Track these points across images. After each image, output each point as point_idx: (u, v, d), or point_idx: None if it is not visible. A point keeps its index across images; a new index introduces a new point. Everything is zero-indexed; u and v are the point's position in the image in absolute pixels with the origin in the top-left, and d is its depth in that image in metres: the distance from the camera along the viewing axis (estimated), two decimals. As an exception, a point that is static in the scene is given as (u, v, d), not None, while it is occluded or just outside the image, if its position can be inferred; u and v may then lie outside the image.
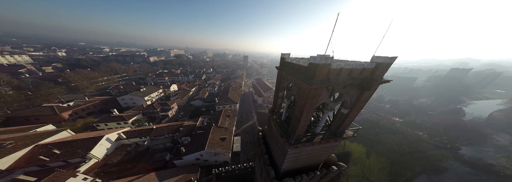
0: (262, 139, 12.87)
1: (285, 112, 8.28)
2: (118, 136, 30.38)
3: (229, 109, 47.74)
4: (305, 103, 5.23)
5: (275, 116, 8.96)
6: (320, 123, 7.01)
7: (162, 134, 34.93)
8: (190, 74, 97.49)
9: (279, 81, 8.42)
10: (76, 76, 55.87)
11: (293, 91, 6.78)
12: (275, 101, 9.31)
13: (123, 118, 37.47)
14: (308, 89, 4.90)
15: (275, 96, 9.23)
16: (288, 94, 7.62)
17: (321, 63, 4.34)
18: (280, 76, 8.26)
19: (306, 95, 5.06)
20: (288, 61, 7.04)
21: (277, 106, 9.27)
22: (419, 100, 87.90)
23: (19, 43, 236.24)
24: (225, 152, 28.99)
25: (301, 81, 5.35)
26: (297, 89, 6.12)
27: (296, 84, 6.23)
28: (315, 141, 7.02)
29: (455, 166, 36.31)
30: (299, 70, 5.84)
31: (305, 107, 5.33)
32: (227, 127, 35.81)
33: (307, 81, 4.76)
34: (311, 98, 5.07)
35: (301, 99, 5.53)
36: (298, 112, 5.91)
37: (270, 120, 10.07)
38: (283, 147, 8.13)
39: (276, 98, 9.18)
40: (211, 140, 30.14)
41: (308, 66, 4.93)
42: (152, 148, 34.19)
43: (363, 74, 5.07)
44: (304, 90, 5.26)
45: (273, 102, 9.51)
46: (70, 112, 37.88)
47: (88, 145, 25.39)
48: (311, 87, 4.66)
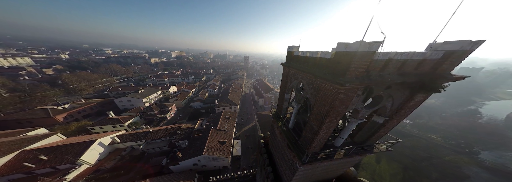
0: (264, 147, 11.10)
1: (294, 118, 6.53)
2: (112, 140, 28.85)
3: (229, 110, 46.06)
4: (328, 110, 3.54)
5: (280, 123, 7.21)
6: (343, 134, 5.26)
7: (158, 137, 33.35)
8: (190, 76, 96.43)
9: (285, 81, 6.70)
10: (74, 78, 55.00)
11: (306, 92, 5.08)
12: (280, 104, 7.56)
13: (119, 121, 36.07)
14: (335, 91, 3.29)
15: (279, 99, 7.48)
16: (298, 97, 5.89)
17: (360, 51, 2.70)
18: (287, 75, 6.54)
19: (331, 98, 3.41)
20: (299, 55, 5.34)
21: (283, 110, 7.51)
22: (429, 100, 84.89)
23: (25, 46, 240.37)
24: (224, 157, 27.21)
25: (323, 80, 3.73)
26: (313, 91, 4.43)
27: (312, 84, 4.57)
28: (337, 157, 5.25)
29: (477, 173, 33.35)
30: (318, 65, 4.21)
31: (327, 115, 3.63)
32: (226, 129, 34.08)
33: (333, 79, 3.18)
34: (339, 103, 3.38)
35: (321, 104, 3.86)
36: (316, 122, 4.20)
37: (274, 126, 8.34)
38: (291, 162, 6.40)
39: (281, 101, 7.43)
40: (210, 144, 28.42)
41: (335, 58, 3.33)
42: (148, 152, 32.59)
43: (421, 68, 3.41)
44: (327, 92, 3.64)
45: (278, 106, 7.77)
46: (65, 114, 36.64)
47: (79, 150, 23.88)
48: (342, 88, 3.01)
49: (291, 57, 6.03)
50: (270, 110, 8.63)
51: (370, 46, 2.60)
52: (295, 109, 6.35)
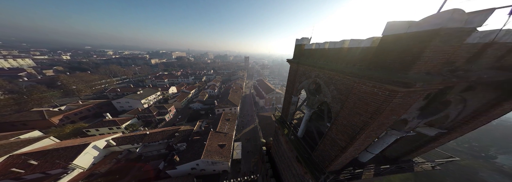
0: (267, 155, 9.89)
1: (304, 125, 5.34)
2: (107, 143, 27.79)
3: (229, 112, 44.92)
4: (367, 121, 2.42)
5: (286, 130, 6.01)
6: (373, 148, 4.07)
7: (156, 140, 32.25)
8: (190, 76, 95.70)
9: (292, 81, 5.55)
10: (71, 79, 54.33)
11: (324, 95, 3.89)
12: (286, 108, 6.38)
13: (115, 123, 35.07)
14: (384, 96, 2.17)
15: (285, 102, 6.30)
16: (311, 100, 4.72)
17: (447, 29, 1.58)
18: (295, 74, 5.39)
19: (375, 105, 2.31)
20: (312, 49, 4.20)
21: (289, 115, 6.32)
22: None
23: (27, 47, 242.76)
24: (224, 161, 25.96)
25: (359, 79, 2.59)
26: (336, 94, 3.31)
27: (336, 84, 3.47)
28: (365, 177, 4.06)
29: (498, 179, 30.97)
30: (346, 58, 3.10)
31: (365, 129, 2.53)
32: (226, 132, 32.86)
33: (388, 77, 2.03)
34: (388, 113, 2.20)
35: (354, 112, 2.75)
36: (342, 135, 3.07)
37: (278, 133, 7.15)
38: (301, 178, 5.20)
39: (286, 105, 6.25)
40: (209, 147, 27.20)
41: (384, 46, 2.17)
42: (145, 155, 31.46)
43: None
44: (366, 96, 2.52)
45: (283, 110, 6.59)
46: (61, 116, 35.74)
47: (72, 153, 22.83)
48: (403, 90, 1.91)
49: (301, 52, 4.88)
50: (274, 114, 7.44)
51: (470, 19, 1.44)
52: (306, 115, 5.18)
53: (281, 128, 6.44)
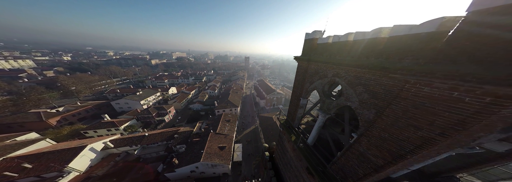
0: (270, 161, 9.09)
1: (317, 132, 4.57)
2: (105, 145, 27.12)
3: (229, 113, 44.19)
4: (433, 139, 1.65)
5: (294, 137, 5.24)
6: (412, 164, 3.28)
7: (155, 142, 31.58)
8: (190, 77, 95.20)
9: (301, 81, 4.83)
10: (70, 80, 53.89)
11: (347, 98, 3.14)
12: (292, 111, 5.62)
13: (114, 124, 34.43)
14: (480, 104, 1.37)
15: (292, 105, 5.55)
16: (327, 104, 3.95)
17: None
18: (304, 73, 4.67)
19: (461, 118, 1.53)
20: (328, 43, 3.47)
21: (296, 120, 5.54)
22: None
23: (29, 48, 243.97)
24: (224, 164, 25.19)
25: (421, 79, 1.82)
26: (367, 98, 2.68)
27: (367, 85, 2.78)
28: None
29: None
30: (390, 49, 2.30)
31: (427, 147, 1.78)
32: (226, 133, 32.12)
33: (499, 74, 1.19)
34: (481, 128, 1.51)
35: (407, 124, 2.02)
36: (381, 153, 2.43)
37: (284, 139, 6.39)
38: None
39: (293, 108, 5.50)
40: (208, 149, 26.48)
41: (480, 21, 1.33)
42: (144, 158, 30.76)
43: None
44: (435, 102, 1.73)
45: (288, 113, 5.83)
46: (59, 118, 35.17)
47: (68, 156, 22.16)
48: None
49: (312, 47, 4.16)
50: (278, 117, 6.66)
51: None
52: (319, 121, 4.41)
53: (287, 133, 5.68)
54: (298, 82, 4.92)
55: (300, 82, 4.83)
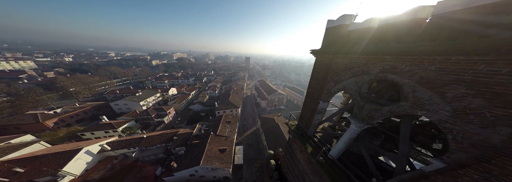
0: (276, 170, 8.10)
1: (345, 144, 3.57)
2: (101, 148, 26.27)
3: (230, 114, 43.22)
4: None
5: (310, 148, 4.27)
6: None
7: (153, 144, 30.68)
8: (190, 77, 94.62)
9: (321, 80, 3.90)
10: (69, 81, 53.38)
11: (419, 106, 2.14)
12: (307, 117, 4.66)
13: (112, 126, 33.64)
14: None
15: (306, 109, 4.57)
16: (370, 111, 2.93)
17: None
18: (326, 70, 3.70)
19: None
20: (380, 26, 2.48)
21: (312, 127, 4.56)
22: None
23: (32, 50, 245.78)
24: (224, 167, 24.18)
25: None
26: (503, 106, 1.59)
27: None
28: None
29: None
30: None
31: None
32: (227, 135, 31.15)
33: None
34: None
35: None
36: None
37: (294, 148, 5.42)
38: None
39: (308, 112, 4.54)
40: (208, 152, 25.50)
41: None
42: (142, 160, 29.85)
43: None
44: None
45: (301, 118, 4.86)
46: (56, 119, 34.46)
47: (62, 160, 21.33)
48: None
49: (340, 36, 3.20)
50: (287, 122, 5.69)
51: None
52: (352, 132, 3.39)
53: (300, 142, 4.73)
54: (316, 82, 3.97)
55: (319, 82, 3.88)
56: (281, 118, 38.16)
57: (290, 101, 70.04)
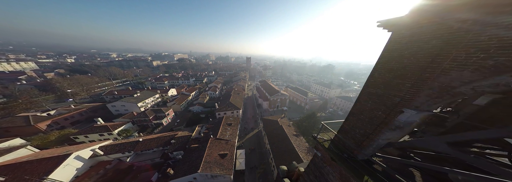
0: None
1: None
2: (93, 153, 24.52)
3: (230, 115, 41.38)
4: None
5: (368, 179, 2.33)
6: None
7: (150, 148, 28.89)
8: (191, 78, 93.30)
9: (414, 74, 1.96)
10: (66, 81, 52.15)
11: None
12: (366, 133, 2.66)
13: (107, 128, 31.98)
14: None
15: (363, 121, 2.57)
16: None
17: None
18: (439, 49, 1.77)
19: None
20: None
21: (370, 148, 2.63)
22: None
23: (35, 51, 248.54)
24: (225, 174, 22.20)
25: None
26: None
27: None
28: None
29: None
30: None
31: None
32: (228, 138, 29.23)
33: None
34: None
35: None
36: None
37: (326, 172, 3.50)
38: None
39: (371, 127, 2.54)
40: (208, 157, 23.60)
41: None
42: (137, 165, 27.99)
43: None
44: None
45: (346, 132, 2.90)
46: (49, 122, 32.95)
47: (48, 166, 19.62)
48: None
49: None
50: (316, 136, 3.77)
51: None
52: None
53: (345, 169, 2.84)
54: (399, 75, 2.11)
55: (410, 75, 2.03)
56: (285, 120, 36.14)
57: (293, 101, 67.95)
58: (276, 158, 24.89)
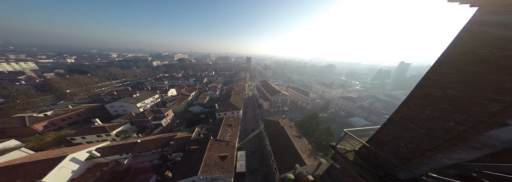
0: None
1: None
2: (90, 155, 23.84)
3: (231, 116, 40.67)
4: None
5: None
6: None
7: (148, 149, 28.19)
8: (191, 78, 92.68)
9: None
10: (64, 82, 51.58)
11: None
12: (416, 148, 1.83)
13: (105, 129, 31.32)
14: None
15: (413, 132, 1.77)
16: None
17: None
18: None
19: None
20: None
21: (421, 166, 1.84)
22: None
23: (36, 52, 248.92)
24: (225, 177, 21.46)
25: None
26: None
27: None
28: None
29: None
30: None
31: None
32: (228, 140, 28.50)
33: None
34: None
35: None
36: None
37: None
38: None
39: (425, 141, 1.71)
40: (207, 159, 22.87)
41: None
42: (135, 167, 27.29)
43: None
44: None
45: (383, 143, 2.12)
46: (45, 122, 32.32)
47: (42, 169, 18.94)
48: None
49: None
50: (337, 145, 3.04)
51: None
52: None
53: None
54: (487, 69, 1.33)
55: None
56: (286, 121, 35.38)
57: (294, 102, 67.13)
58: (277, 161, 24.13)
